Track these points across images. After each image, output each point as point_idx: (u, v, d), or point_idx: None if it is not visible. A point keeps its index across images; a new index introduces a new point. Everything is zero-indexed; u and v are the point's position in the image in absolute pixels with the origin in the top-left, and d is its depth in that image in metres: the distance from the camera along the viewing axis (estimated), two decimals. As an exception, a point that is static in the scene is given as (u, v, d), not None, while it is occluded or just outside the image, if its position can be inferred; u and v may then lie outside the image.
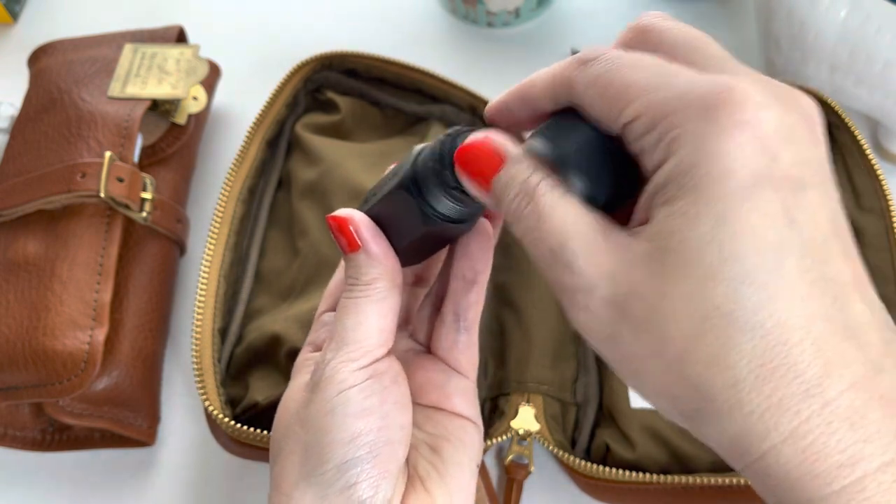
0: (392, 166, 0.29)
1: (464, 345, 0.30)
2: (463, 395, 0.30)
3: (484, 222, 0.29)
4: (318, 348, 0.30)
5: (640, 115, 0.20)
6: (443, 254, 0.31)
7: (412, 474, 0.27)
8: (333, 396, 0.26)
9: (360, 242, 0.28)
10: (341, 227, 0.28)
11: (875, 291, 0.21)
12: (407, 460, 0.28)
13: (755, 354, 0.19)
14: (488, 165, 0.23)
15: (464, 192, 0.25)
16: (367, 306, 0.27)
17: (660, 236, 0.20)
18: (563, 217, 0.22)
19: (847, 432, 0.19)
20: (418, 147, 0.27)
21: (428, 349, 0.31)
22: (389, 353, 0.28)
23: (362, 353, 0.27)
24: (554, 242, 0.22)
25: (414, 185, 0.26)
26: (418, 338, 0.31)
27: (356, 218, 0.28)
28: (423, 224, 0.26)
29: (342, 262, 0.32)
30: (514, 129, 0.25)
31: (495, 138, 0.24)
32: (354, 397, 0.26)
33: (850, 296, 0.20)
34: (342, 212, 0.28)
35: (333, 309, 0.31)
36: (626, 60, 0.21)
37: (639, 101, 0.20)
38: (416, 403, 0.29)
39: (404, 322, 0.32)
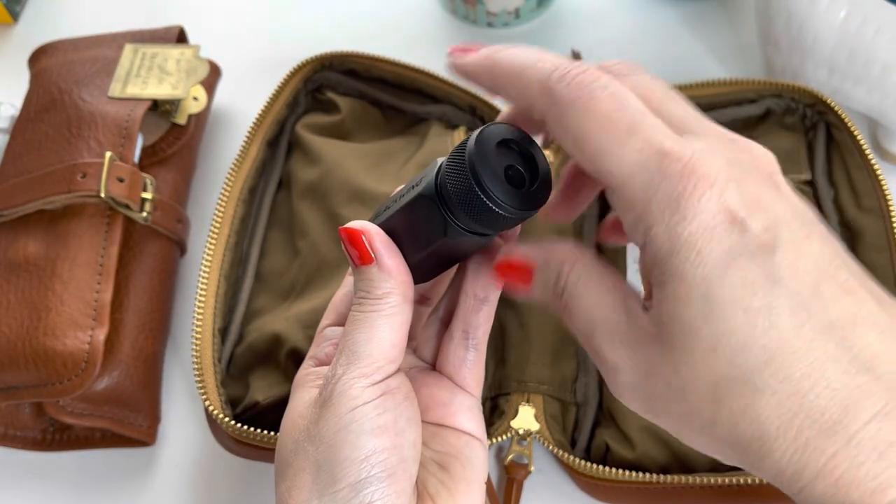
0: (400, 187, 0.29)
1: (472, 363, 0.30)
2: (468, 413, 0.29)
3: (498, 242, 0.29)
4: (321, 363, 0.30)
5: (614, 188, 0.22)
6: (449, 273, 0.31)
7: (422, 492, 0.27)
8: (346, 413, 0.25)
9: (373, 255, 0.27)
10: (353, 239, 0.27)
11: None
12: (416, 478, 0.27)
13: (772, 408, 0.20)
14: (523, 280, 0.26)
15: None
16: (378, 321, 0.27)
17: (660, 319, 0.22)
18: (588, 309, 0.24)
19: (875, 462, 0.19)
20: (441, 159, 0.26)
21: (432, 366, 0.31)
22: (399, 369, 0.27)
23: (374, 368, 0.26)
24: (584, 333, 0.24)
25: (438, 191, 0.25)
26: (422, 355, 0.31)
27: (370, 230, 0.27)
28: (443, 234, 0.26)
29: (347, 278, 0.32)
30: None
31: (518, 256, 0.26)
32: (368, 414, 0.25)
33: (855, 332, 0.20)
34: (355, 224, 0.28)
35: (337, 323, 0.31)
36: (598, 117, 0.22)
37: (608, 174, 0.22)
38: (422, 421, 0.29)
39: (415, 348, 0.31)
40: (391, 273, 0.27)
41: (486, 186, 0.24)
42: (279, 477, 0.27)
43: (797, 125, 0.47)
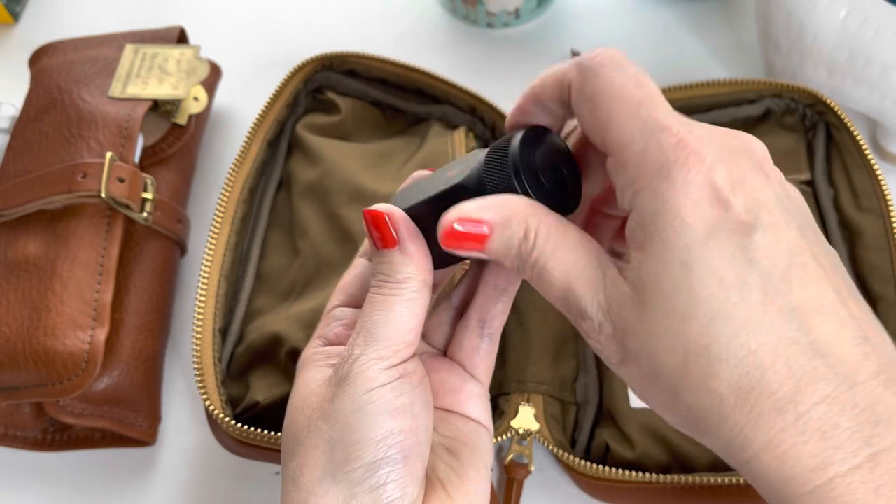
0: (418, 172, 0.29)
1: (485, 352, 0.30)
2: (478, 400, 0.30)
3: None
4: (329, 342, 0.29)
5: (613, 153, 0.23)
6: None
7: (431, 477, 0.27)
8: (363, 394, 0.25)
9: (397, 239, 0.27)
10: (378, 221, 0.27)
11: (859, 303, 0.23)
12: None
13: (733, 379, 0.21)
14: (478, 241, 0.25)
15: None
16: (398, 305, 0.27)
17: (639, 280, 0.22)
18: (564, 264, 0.24)
19: (819, 441, 0.21)
20: (482, 151, 0.27)
21: (442, 353, 0.31)
22: (415, 354, 0.28)
23: (392, 351, 0.26)
24: (561, 290, 0.24)
25: (480, 183, 0.26)
26: (432, 341, 0.31)
27: (395, 214, 0.27)
28: None
29: (357, 260, 0.32)
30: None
31: (471, 211, 0.25)
32: (386, 396, 0.26)
33: (814, 320, 0.21)
34: (380, 206, 0.28)
35: (347, 304, 0.31)
36: (614, 85, 0.23)
37: (612, 140, 0.23)
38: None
39: (426, 334, 0.32)
40: (413, 258, 0.27)
41: (526, 187, 0.25)
42: (289, 454, 0.27)
43: (797, 125, 0.47)
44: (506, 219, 0.24)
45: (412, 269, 0.27)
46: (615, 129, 0.23)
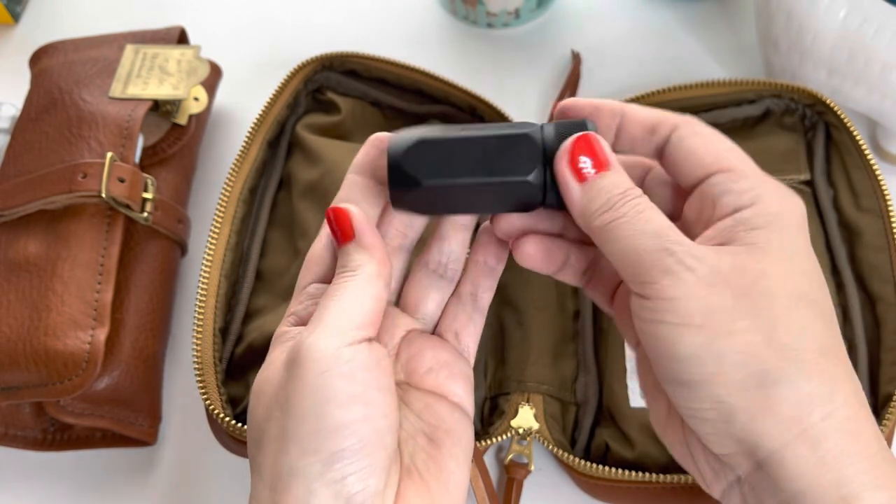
0: (381, 134, 0.30)
1: (476, 325, 0.31)
2: (464, 382, 0.30)
3: (512, 222, 0.30)
4: (302, 321, 0.29)
5: (732, 169, 0.27)
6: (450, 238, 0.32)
7: (409, 465, 0.27)
8: (313, 379, 0.25)
9: (353, 234, 0.28)
10: (339, 217, 0.29)
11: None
12: (404, 450, 0.27)
13: (827, 332, 0.26)
14: (599, 162, 0.27)
15: None
16: (349, 290, 0.27)
17: (759, 241, 0.26)
18: (661, 214, 0.26)
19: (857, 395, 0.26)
20: (536, 123, 0.29)
21: (430, 332, 0.32)
22: (371, 339, 0.27)
23: (339, 334, 0.26)
24: (659, 227, 0.26)
25: (546, 144, 0.28)
26: (421, 316, 0.32)
27: (352, 210, 0.29)
28: (524, 174, 0.27)
29: (325, 229, 0.31)
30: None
31: (603, 144, 0.27)
32: (336, 384, 0.25)
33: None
34: (340, 204, 0.29)
35: (321, 280, 0.30)
36: (720, 135, 0.28)
37: (731, 160, 0.27)
38: (416, 389, 0.29)
39: (413, 308, 0.32)
40: (366, 248, 0.28)
41: None
42: (254, 446, 0.26)
43: (796, 125, 0.47)
44: (620, 167, 0.27)
45: (364, 256, 0.28)
46: (730, 157, 0.27)
